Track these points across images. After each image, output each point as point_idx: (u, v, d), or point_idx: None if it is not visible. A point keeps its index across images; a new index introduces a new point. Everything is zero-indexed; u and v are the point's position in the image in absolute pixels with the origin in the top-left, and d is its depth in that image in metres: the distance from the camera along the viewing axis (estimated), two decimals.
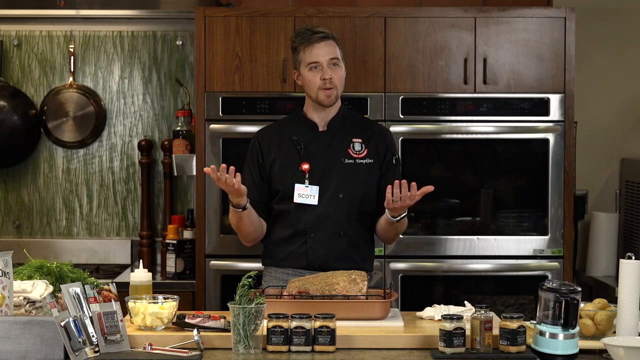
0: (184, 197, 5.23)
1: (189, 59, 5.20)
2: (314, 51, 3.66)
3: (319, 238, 3.66)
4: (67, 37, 5.22)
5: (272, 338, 2.95)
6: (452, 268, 4.57)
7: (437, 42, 4.55)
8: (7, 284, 2.95)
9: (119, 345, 2.95)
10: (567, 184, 4.56)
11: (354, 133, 3.76)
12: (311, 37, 3.67)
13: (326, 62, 3.65)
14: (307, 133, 3.74)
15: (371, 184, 3.73)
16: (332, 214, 3.66)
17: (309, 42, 3.66)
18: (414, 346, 3.03)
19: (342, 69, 3.70)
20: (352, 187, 3.69)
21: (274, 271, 3.73)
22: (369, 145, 3.75)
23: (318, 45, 3.66)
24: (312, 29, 3.71)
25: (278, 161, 3.71)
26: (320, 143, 3.72)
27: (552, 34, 4.56)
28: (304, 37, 3.69)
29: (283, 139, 3.74)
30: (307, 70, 3.67)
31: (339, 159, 3.71)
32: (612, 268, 5.02)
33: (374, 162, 3.73)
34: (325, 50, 3.66)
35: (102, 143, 5.24)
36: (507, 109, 4.57)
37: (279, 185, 3.70)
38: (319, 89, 3.67)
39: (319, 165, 3.69)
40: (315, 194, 3.66)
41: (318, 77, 3.66)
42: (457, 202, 4.62)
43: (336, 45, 3.69)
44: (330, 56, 3.66)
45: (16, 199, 5.24)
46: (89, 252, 5.22)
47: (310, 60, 3.66)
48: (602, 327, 3.06)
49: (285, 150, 3.72)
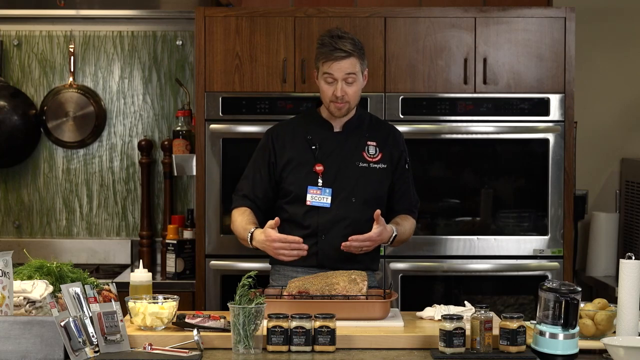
0: (184, 197, 5.23)
1: (189, 59, 5.20)
2: (333, 66, 3.59)
3: (330, 240, 3.64)
4: (67, 37, 5.22)
5: (272, 338, 2.95)
6: (452, 268, 4.57)
7: (437, 42, 4.56)
8: (7, 284, 2.95)
9: (119, 345, 2.95)
10: (567, 184, 4.56)
11: (369, 136, 3.74)
12: (331, 54, 3.59)
13: (341, 78, 3.60)
14: (322, 133, 3.72)
15: (383, 188, 3.73)
16: (344, 217, 3.65)
17: (328, 58, 3.60)
18: (414, 346, 3.03)
19: (359, 83, 3.64)
20: (365, 191, 3.68)
21: (283, 269, 3.71)
22: (383, 150, 3.74)
23: (336, 63, 3.59)
24: (336, 44, 3.60)
25: (292, 161, 3.69)
26: (335, 144, 3.71)
27: (552, 34, 4.56)
28: (325, 49, 3.61)
29: (297, 138, 3.72)
30: (323, 81, 3.64)
31: (354, 162, 3.70)
32: (612, 268, 5.02)
33: (387, 167, 3.73)
34: (343, 67, 3.59)
35: (102, 143, 5.24)
36: (507, 109, 4.57)
37: (291, 186, 3.68)
38: (330, 101, 3.65)
39: (333, 166, 3.68)
40: (328, 196, 3.65)
41: (331, 91, 3.62)
42: (457, 202, 4.62)
43: (358, 60, 3.61)
44: (347, 72, 3.60)
45: (16, 199, 5.24)
46: (89, 252, 5.22)
47: (326, 71, 3.62)
48: (602, 327, 3.06)
49: (299, 150, 3.70)
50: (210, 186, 4.54)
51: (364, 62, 3.66)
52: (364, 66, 3.67)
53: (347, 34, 3.66)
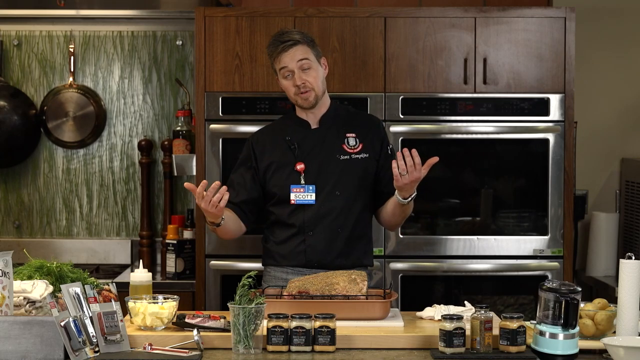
0: (184, 197, 5.23)
1: (189, 59, 5.20)
2: (283, 59, 3.63)
3: (317, 236, 3.66)
4: (67, 37, 5.22)
5: (272, 338, 2.95)
6: (452, 268, 4.57)
7: (437, 42, 4.55)
8: (7, 284, 2.95)
9: (119, 345, 2.95)
10: (567, 184, 4.56)
11: (347, 128, 3.75)
12: (278, 46, 3.64)
13: (296, 68, 3.62)
14: (300, 132, 3.74)
15: (367, 178, 3.72)
16: (330, 212, 3.66)
17: (277, 51, 3.64)
18: (414, 346, 3.03)
19: (318, 69, 3.66)
20: (349, 183, 3.69)
21: (273, 270, 3.73)
22: (364, 140, 3.74)
23: (285, 53, 3.62)
24: (281, 37, 3.66)
25: (273, 164, 3.70)
26: (314, 141, 3.72)
27: (552, 34, 4.56)
28: (273, 46, 3.66)
29: (277, 141, 3.74)
30: (282, 78, 3.67)
31: (334, 155, 3.70)
32: (612, 268, 5.02)
33: (369, 156, 3.72)
34: (294, 55, 3.62)
35: (102, 143, 5.24)
36: (507, 109, 4.57)
37: (274, 188, 3.69)
38: (295, 94, 3.67)
39: (314, 163, 3.69)
40: (312, 193, 3.66)
41: (292, 83, 3.65)
42: (457, 202, 4.62)
43: (309, 47, 3.65)
44: (298, 59, 3.62)
45: (16, 199, 5.24)
46: (89, 252, 5.22)
47: (280, 67, 3.65)
48: (602, 327, 3.06)
49: (279, 152, 3.71)
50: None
51: (315, 50, 3.68)
52: (319, 55, 3.69)
53: (292, 29, 3.74)
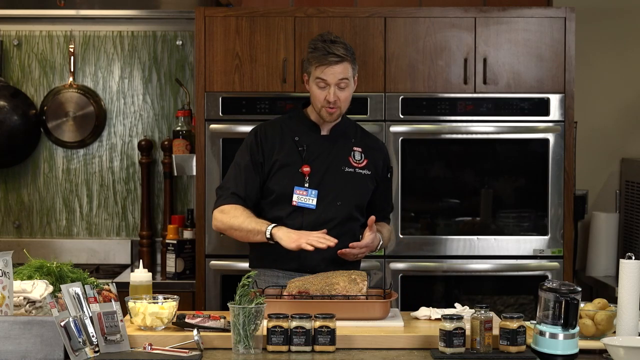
0: (184, 197, 5.23)
1: (189, 59, 5.20)
2: (325, 71, 3.58)
3: None
4: (67, 37, 5.22)
5: (272, 338, 2.96)
6: (452, 268, 4.57)
7: (437, 42, 4.55)
8: (7, 284, 2.95)
9: (119, 345, 2.95)
10: (567, 184, 4.56)
11: (355, 141, 3.76)
12: (325, 58, 3.57)
13: (334, 83, 3.59)
14: (310, 135, 3.72)
15: (367, 194, 3.75)
16: (330, 220, 3.65)
17: (321, 62, 3.58)
18: (414, 346, 3.03)
19: (350, 88, 3.64)
20: (350, 196, 3.69)
21: (262, 273, 3.66)
22: (368, 156, 3.75)
23: (329, 68, 3.58)
24: (329, 48, 3.58)
25: (279, 162, 3.68)
26: (322, 147, 3.71)
27: (552, 34, 4.56)
28: (319, 52, 3.59)
29: (285, 139, 3.72)
30: (315, 85, 3.63)
31: (340, 166, 3.70)
32: (612, 268, 5.02)
33: (371, 174, 3.74)
34: (336, 72, 3.58)
35: (102, 143, 5.24)
36: (507, 109, 4.57)
37: (275, 187, 3.67)
38: (322, 106, 3.64)
39: (320, 169, 3.68)
40: (314, 198, 3.65)
41: (324, 95, 3.61)
42: (457, 202, 4.62)
43: (350, 65, 3.61)
44: (340, 77, 3.59)
45: (16, 199, 5.24)
46: (89, 252, 5.22)
47: (318, 76, 3.60)
48: (602, 327, 3.06)
49: (286, 151, 3.70)
50: (210, 186, 4.54)
51: (355, 67, 3.65)
52: (355, 71, 3.66)
53: (339, 38, 3.65)
